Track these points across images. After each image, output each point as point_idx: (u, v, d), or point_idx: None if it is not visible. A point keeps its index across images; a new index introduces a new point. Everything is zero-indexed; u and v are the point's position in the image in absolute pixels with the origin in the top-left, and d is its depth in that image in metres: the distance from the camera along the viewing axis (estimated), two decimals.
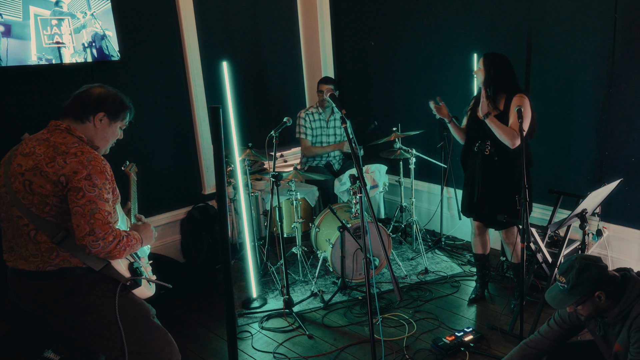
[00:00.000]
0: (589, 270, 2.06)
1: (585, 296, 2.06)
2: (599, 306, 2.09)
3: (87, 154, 1.96)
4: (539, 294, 3.56)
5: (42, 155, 1.95)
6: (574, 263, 2.10)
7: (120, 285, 2.06)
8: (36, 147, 1.98)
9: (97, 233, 1.88)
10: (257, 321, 3.55)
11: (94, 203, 1.90)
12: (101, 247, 1.89)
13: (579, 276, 2.05)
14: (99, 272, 2.02)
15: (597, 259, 2.12)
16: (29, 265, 1.99)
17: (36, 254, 1.97)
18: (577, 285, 2.05)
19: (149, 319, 2.18)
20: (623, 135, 3.53)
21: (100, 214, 1.90)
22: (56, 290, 2.00)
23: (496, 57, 3.22)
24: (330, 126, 4.63)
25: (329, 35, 5.22)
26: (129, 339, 2.06)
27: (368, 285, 2.20)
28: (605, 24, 3.45)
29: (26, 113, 3.47)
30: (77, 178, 1.90)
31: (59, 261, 1.97)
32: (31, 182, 1.93)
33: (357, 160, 2.22)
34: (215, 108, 1.64)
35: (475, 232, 3.57)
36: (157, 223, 4.26)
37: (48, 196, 1.92)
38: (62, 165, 1.92)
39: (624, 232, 3.67)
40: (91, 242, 1.87)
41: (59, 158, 1.93)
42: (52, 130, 2.03)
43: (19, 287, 2.05)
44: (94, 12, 3.61)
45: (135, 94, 4.11)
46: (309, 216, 4.32)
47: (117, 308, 2.02)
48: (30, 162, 1.95)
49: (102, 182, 1.94)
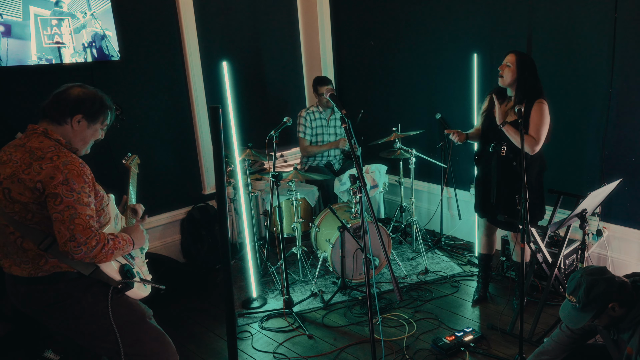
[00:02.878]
0: (597, 286, 2.03)
1: (599, 311, 2.04)
2: (615, 316, 2.06)
3: (63, 158, 1.90)
4: (538, 294, 3.56)
5: (18, 162, 1.90)
6: (581, 281, 2.07)
7: (111, 288, 2.02)
8: (12, 153, 1.93)
9: (79, 239, 1.84)
10: (257, 321, 3.55)
11: (73, 208, 1.85)
12: (84, 252, 1.85)
13: (589, 294, 2.03)
14: (88, 276, 2.00)
15: (602, 270, 2.08)
16: (22, 272, 1.98)
17: (26, 261, 1.96)
18: (589, 303, 2.03)
19: (144, 321, 2.16)
20: (623, 135, 3.53)
21: (81, 219, 1.85)
22: (49, 296, 1.99)
23: (528, 58, 3.12)
24: (331, 125, 4.63)
25: (329, 35, 5.22)
26: (124, 342, 2.05)
27: (368, 285, 2.20)
28: (605, 24, 3.45)
29: (26, 113, 3.47)
30: (54, 184, 1.85)
31: (49, 267, 1.96)
32: (10, 190, 1.89)
33: (357, 160, 2.22)
34: (215, 108, 1.63)
35: (484, 232, 3.54)
36: (157, 223, 4.26)
37: (28, 204, 1.89)
38: (37, 172, 1.87)
39: (624, 232, 3.67)
40: (73, 248, 1.83)
41: (35, 164, 1.88)
42: (29, 135, 1.97)
43: (15, 292, 2.05)
44: (94, 12, 3.61)
45: (135, 94, 4.16)
46: (309, 216, 4.32)
47: (110, 312, 2.00)
48: (8, 170, 1.90)
49: (80, 185, 1.89)
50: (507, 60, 3.14)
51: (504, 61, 3.15)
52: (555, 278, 3.28)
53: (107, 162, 3.11)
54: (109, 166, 3.03)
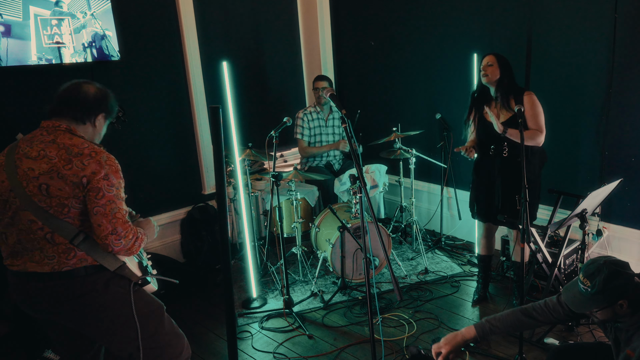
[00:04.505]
0: (618, 278, 1.92)
1: (607, 304, 1.95)
2: (618, 313, 1.98)
3: (102, 154, 1.98)
4: (538, 294, 3.56)
5: (56, 158, 1.94)
6: (602, 267, 1.95)
7: (132, 283, 2.08)
8: (45, 149, 1.96)
9: (120, 232, 1.92)
10: (257, 321, 3.55)
11: (113, 202, 1.93)
12: (123, 245, 1.94)
13: (606, 283, 1.92)
14: (113, 271, 2.04)
15: (626, 266, 1.98)
16: (42, 268, 1.98)
17: (52, 256, 1.97)
18: (603, 292, 1.93)
19: (161, 313, 2.21)
20: (623, 135, 3.53)
21: (120, 213, 1.94)
22: (71, 290, 2.00)
23: (504, 57, 3.21)
24: (329, 125, 4.63)
25: (329, 35, 5.22)
26: (143, 334, 2.09)
27: (368, 285, 2.20)
28: (605, 24, 3.45)
29: (26, 113, 3.47)
30: (97, 178, 1.92)
31: (76, 261, 1.98)
32: (48, 185, 1.92)
33: (357, 160, 2.22)
34: (215, 108, 1.63)
35: (484, 234, 3.54)
36: (157, 223, 4.24)
37: (67, 198, 1.93)
38: (81, 167, 1.92)
39: (624, 232, 3.67)
40: (114, 241, 1.91)
41: (76, 160, 1.93)
42: (52, 132, 2.00)
43: (26, 290, 2.03)
44: (94, 12, 3.61)
45: (135, 94, 4.16)
46: (309, 216, 4.32)
47: (133, 305, 2.05)
48: (44, 166, 1.93)
49: (118, 181, 1.97)
50: (487, 61, 3.22)
51: (484, 63, 3.22)
52: (555, 278, 3.28)
53: None
54: None
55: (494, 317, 2.26)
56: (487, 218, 3.45)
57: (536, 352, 3.00)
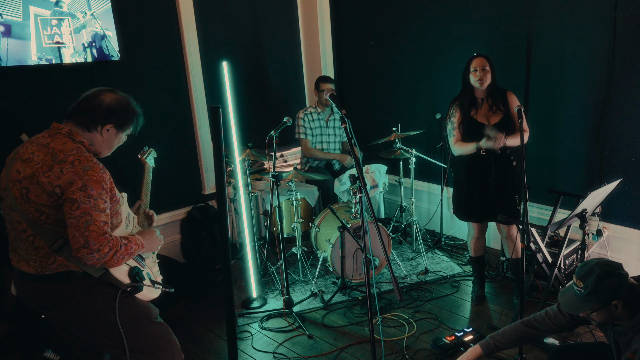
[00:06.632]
0: (610, 278, 1.94)
1: (601, 304, 1.96)
2: (615, 315, 1.99)
3: (85, 163, 1.90)
4: (538, 294, 3.56)
5: (39, 163, 1.90)
6: (594, 268, 1.97)
7: (120, 291, 2.05)
8: (35, 152, 1.93)
9: (92, 245, 1.85)
10: (257, 321, 3.55)
11: (88, 215, 1.86)
12: (96, 259, 1.87)
13: (598, 283, 1.94)
14: (97, 278, 2.02)
15: (619, 266, 1.99)
16: (29, 268, 1.99)
17: (35, 259, 1.97)
18: (595, 292, 1.94)
19: (149, 320, 2.18)
20: (623, 135, 3.53)
21: (95, 226, 1.86)
22: (55, 293, 2.00)
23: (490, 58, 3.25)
24: (330, 126, 4.63)
25: (329, 35, 5.22)
26: (129, 339, 2.07)
27: (368, 285, 2.20)
28: (605, 24, 3.45)
29: (26, 113, 3.47)
30: (72, 189, 1.85)
31: (57, 266, 1.97)
32: (28, 190, 1.90)
33: (357, 160, 2.22)
34: (215, 108, 1.63)
35: (475, 235, 3.53)
36: (157, 223, 4.19)
37: (44, 205, 1.90)
38: (57, 176, 1.87)
39: (624, 232, 3.67)
40: (86, 255, 1.85)
41: (56, 167, 1.88)
42: (53, 135, 1.98)
43: (22, 287, 2.07)
44: (94, 12, 3.61)
45: (135, 94, 4.08)
46: (309, 216, 4.32)
47: (117, 312, 2.02)
48: (28, 170, 1.91)
49: (98, 192, 1.89)
50: (481, 64, 3.19)
51: (479, 66, 3.18)
52: (555, 278, 3.28)
53: (120, 159, 3.09)
54: (121, 162, 3.01)
55: (497, 333, 2.28)
56: (483, 218, 3.44)
57: (536, 352, 3.00)
